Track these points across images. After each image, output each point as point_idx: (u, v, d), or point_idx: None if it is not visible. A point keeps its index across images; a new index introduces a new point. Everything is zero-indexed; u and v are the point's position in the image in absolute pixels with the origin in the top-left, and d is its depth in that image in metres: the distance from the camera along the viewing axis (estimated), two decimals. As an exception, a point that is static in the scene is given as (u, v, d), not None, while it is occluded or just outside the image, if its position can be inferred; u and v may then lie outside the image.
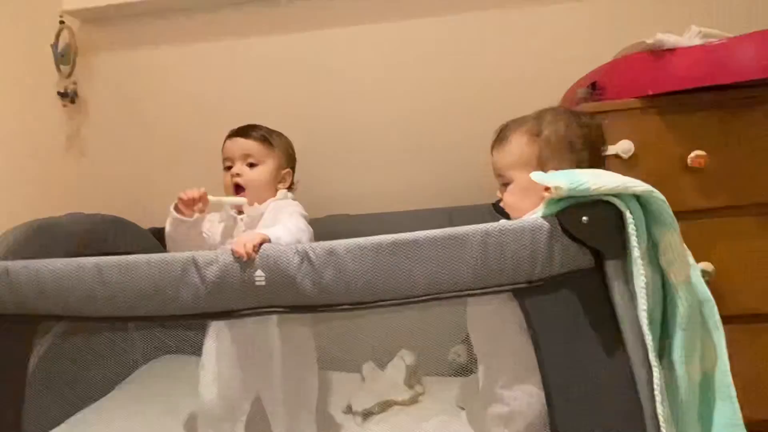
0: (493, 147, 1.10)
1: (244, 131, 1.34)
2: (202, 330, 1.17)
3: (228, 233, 1.28)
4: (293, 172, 1.40)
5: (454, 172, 1.67)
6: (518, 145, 1.05)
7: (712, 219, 1.08)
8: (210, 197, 1.20)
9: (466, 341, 1.36)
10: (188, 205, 1.18)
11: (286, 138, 1.40)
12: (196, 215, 1.19)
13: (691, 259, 0.89)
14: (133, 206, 1.58)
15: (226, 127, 1.38)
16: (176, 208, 1.19)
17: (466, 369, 1.35)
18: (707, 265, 1.06)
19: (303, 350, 1.17)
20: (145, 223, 1.54)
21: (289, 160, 1.39)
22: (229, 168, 1.32)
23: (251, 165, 1.30)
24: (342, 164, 1.72)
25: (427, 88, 1.66)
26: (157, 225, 1.56)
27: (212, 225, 1.30)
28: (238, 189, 1.30)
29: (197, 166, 1.55)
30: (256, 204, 1.28)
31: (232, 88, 1.72)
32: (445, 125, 1.67)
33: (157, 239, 1.53)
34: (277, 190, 1.33)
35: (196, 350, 1.18)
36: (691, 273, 0.89)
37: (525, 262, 0.85)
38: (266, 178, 1.31)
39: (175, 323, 0.92)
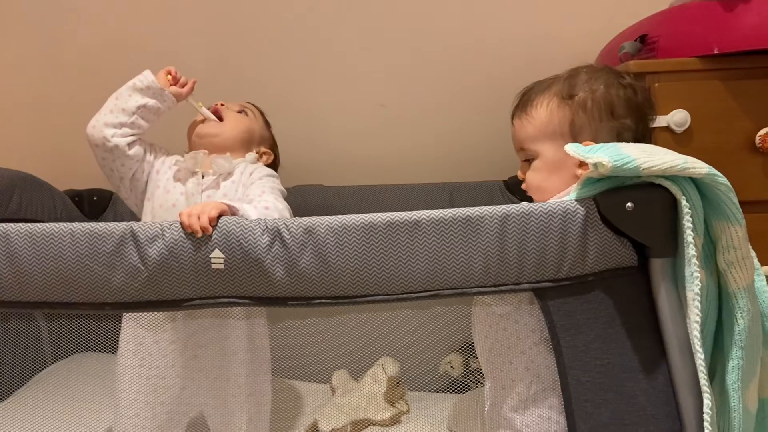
0: (514, 115, 1.09)
1: None
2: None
3: (176, 179, 1.27)
4: (275, 160, 1.45)
5: (457, 139, 1.66)
6: (545, 110, 1.04)
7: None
8: (191, 98, 1.32)
9: (463, 350, 1.37)
10: (172, 81, 1.29)
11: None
12: (168, 92, 1.28)
13: (756, 262, 0.89)
14: (45, 161, 1.54)
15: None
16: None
17: (460, 384, 1.36)
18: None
19: (262, 354, 1.16)
20: (61, 184, 1.50)
21: (274, 146, 1.46)
22: None
23: (240, 111, 1.40)
24: (316, 121, 1.69)
25: (426, 33, 1.64)
26: (77, 186, 1.53)
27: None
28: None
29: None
30: (227, 156, 1.28)
31: (182, 19, 1.68)
32: (448, 80, 1.65)
33: (76, 205, 1.49)
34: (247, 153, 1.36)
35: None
36: (756, 279, 0.89)
37: (551, 255, 0.85)
38: (247, 128, 1.38)
39: (103, 313, 0.89)
